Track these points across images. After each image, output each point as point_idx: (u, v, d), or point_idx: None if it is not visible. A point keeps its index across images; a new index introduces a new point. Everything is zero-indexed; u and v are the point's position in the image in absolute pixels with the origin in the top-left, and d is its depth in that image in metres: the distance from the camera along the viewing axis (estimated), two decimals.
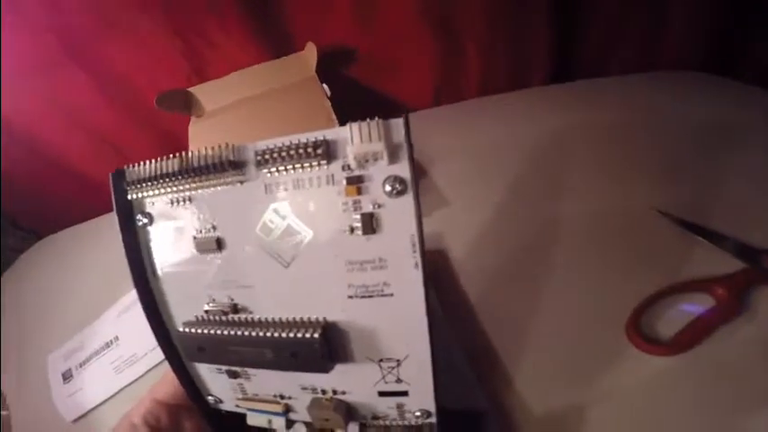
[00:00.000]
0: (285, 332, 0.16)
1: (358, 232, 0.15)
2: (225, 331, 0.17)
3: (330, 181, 0.15)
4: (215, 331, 0.17)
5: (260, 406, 0.20)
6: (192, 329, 0.18)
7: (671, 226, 0.32)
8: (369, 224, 0.15)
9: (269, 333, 0.16)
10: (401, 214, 0.14)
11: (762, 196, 0.33)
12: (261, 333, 0.16)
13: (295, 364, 0.16)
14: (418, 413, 0.17)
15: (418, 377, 0.16)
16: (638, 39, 0.48)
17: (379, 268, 0.15)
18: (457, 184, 0.40)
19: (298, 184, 0.15)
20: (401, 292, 0.15)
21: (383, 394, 0.17)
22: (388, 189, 0.14)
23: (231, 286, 0.17)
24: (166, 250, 0.18)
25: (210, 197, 0.17)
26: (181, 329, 0.18)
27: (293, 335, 0.16)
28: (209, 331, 0.17)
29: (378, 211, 0.15)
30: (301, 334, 0.16)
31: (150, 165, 0.17)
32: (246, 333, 0.17)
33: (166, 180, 0.17)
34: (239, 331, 0.17)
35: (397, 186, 0.14)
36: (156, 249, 0.18)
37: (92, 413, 0.34)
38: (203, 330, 0.17)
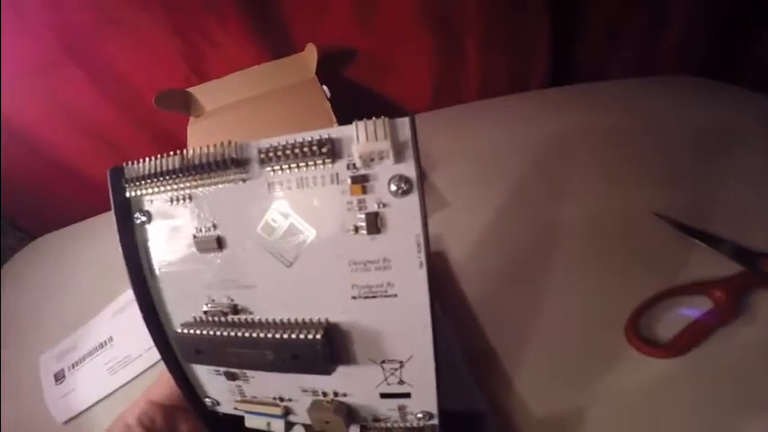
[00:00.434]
0: (286, 333, 0.16)
1: (362, 232, 0.15)
2: (224, 332, 0.17)
3: (335, 180, 0.15)
4: (214, 332, 0.17)
5: (259, 408, 0.19)
6: (190, 330, 0.17)
7: (669, 229, 0.32)
8: (373, 224, 0.14)
9: (270, 334, 0.16)
10: (406, 214, 0.14)
11: (760, 200, 0.33)
12: (261, 334, 0.16)
13: (296, 367, 0.16)
14: (420, 415, 0.17)
15: (421, 379, 0.16)
16: (637, 39, 0.48)
17: (383, 268, 0.15)
18: (457, 187, 0.40)
19: (301, 183, 0.15)
20: (405, 293, 0.15)
21: (385, 396, 0.17)
22: (394, 188, 0.14)
23: (231, 286, 0.17)
24: (165, 249, 0.18)
25: (211, 195, 0.16)
26: (178, 330, 0.18)
27: (295, 336, 0.15)
28: (207, 332, 0.17)
29: (383, 211, 0.14)
30: (303, 335, 0.15)
31: (150, 162, 0.16)
32: (246, 334, 0.16)
33: (166, 177, 0.16)
34: (239, 333, 0.16)
35: (403, 186, 0.14)
36: (154, 248, 0.18)
37: (84, 415, 0.33)
38: (202, 331, 0.17)
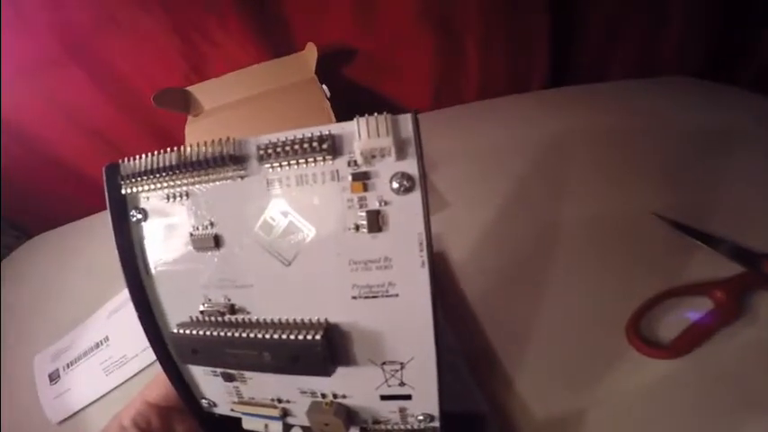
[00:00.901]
0: (285, 334, 0.15)
1: (363, 230, 0.14)
2: (221, 333, 0.16)
3: (335, 177, 0.14)
4: (210, 333, 0.17)
5: (256, 410, 0.19)
6: (187, 331, 0.17)
7: (670, 230, 0.32)
8: (374, 222, 0.14)
9: (268, 335, 0.16)
10: (408, 212, 0.14)
11: (760, 201, 0.33)
12: (259, 335, 0.16)
13: (295, 368, 0.16)
14: (421, 417, 0.17)
15: (422, 380, 0.16)
16: (637, 39, 0.48)
17: (384, 268, 0.15)
18: (457, 187, 0.40)
19: (301, 180, 0.15)
20: (407, 293, 0.15)
21: (385, 398, 0.17)
22: (396, 186, 0.14)
23: (228, 286, 0.17)
24: (161, 247, 0.17)
25: (209, 193, 0.16)
26: (174, 330, 0.17)
27: (294, 337, 0.15)
28: (204, 333, 0.17)
29: (384, 209, 0.14)
30: (302, 336, 0.15)
31: (146, 158, 0.16)
32: (244, 335, 0.16)
33: (163, 174, 0.16)
34: (236, 333, 0.16)
35: (405, 183, 0.14)
36: (150, 246, 0.17)
37: (79, 415, 0.33)
38: (198, 332, 0.17)
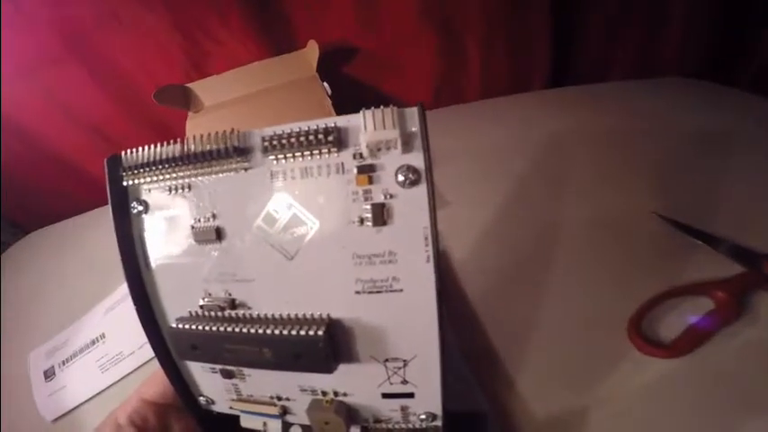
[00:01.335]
0: (286, 330, 0.15)
1: (368, 223, 0.14)
2: (221, 328, 0.16)
3: (340, 169, 0.14)
4: (210, 328, 0.16)
5: (255, 408, 0.19)
6: (186, 326, 0.17)
7: (671, 230, 0.32)
8: (379, 215, 0.14)
9: (269, 330, 0.15)
10: (414, 205, 0.14)
11: (761, 201, 0.33)
12: (260, 330, 0.15)
13: (296, 365, 0.15)
14: (423, 416, 0.17)
15: (425, 378, 0.16)
16: (638, 40, 0.48)
17: (388, 262, 0.14)
18: (457, 186, 0.40)
19: (306, 173, 0.15)
20: (411, 288, 0.14)
21: (387, 396, 0.17)
22: (401, 179, 0.14)
23: (229, 280, 0.16)
24: (161, 240, 0.17)
25: (212, 185, 0.16)
26: (173, 325, 0.17)
27: (295, 332, 0.15)
28: (203, 328, 0.16)
29: (389, 202, 0.14)
30: (304, 332, 0.15)
31: (148, 150, 0.16)
32: (244, 330, 0.16)
33: (165, 166, 0.16)
34: (237, 328, 0.16)
35: (411, 176, 0.13)
36: (151, 239, 0.17)
37: (74, 413, 0.33)
38: (197, 327, 0.16)
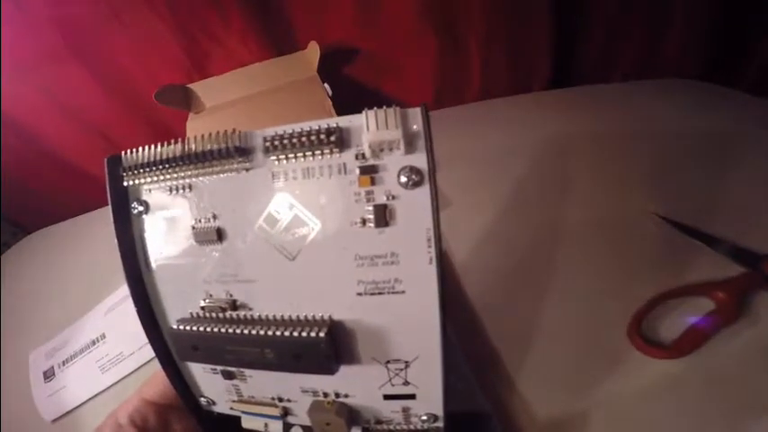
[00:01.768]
0: (288, 331, 0.15)
1: (370, 225, 0.14)
2: (222, 329, 0.16)
3: (342, 170, 0.14)
4: (211, 329, 0.16)
5: (256, 409, 0.19)
6: (187, 327, 0.17)
7: (671, 231, 0.32)
8: (382, 216, 0.14)
9: (270, 332, 0.15)
10: (416, 207, 0.14)
11: (761, 202, 0.33)
12: (261, 332, 0.15)
13: (298, 366, 0.15)
14: (425, 417, 0.17)
15: (427, 380, 0.16)
16: (639, 42, 0.48)
17: (390, 263, 0.14)
18: (459, 187, 0.40)
19: (307, 173, 0.15)
20: (413, 290, 0.14)
21: (389, 397, 0.16)
22: (404, 180, 0.14)
23: (230, 281, 0.16)
24: (162, 241, 0.17)
25: (212, 185, 0.16)
26: (174, 326, 0.17)
27: (297, 334, 0.15)
28: (204, 329, 0.16)
29: (392, 203, 0.14)
30: (306, 333, 0.15)
31: (149, 150, 0.16)
32: (246, 331, 0.16)
33: (166, 166, 0.16)
34: (237, 329, 0.16)
35: (414, 177, 0.13)
36: (151, 240, 0.17)
37: (73, 413, 0.32)
38: (198, 328, 0.16)
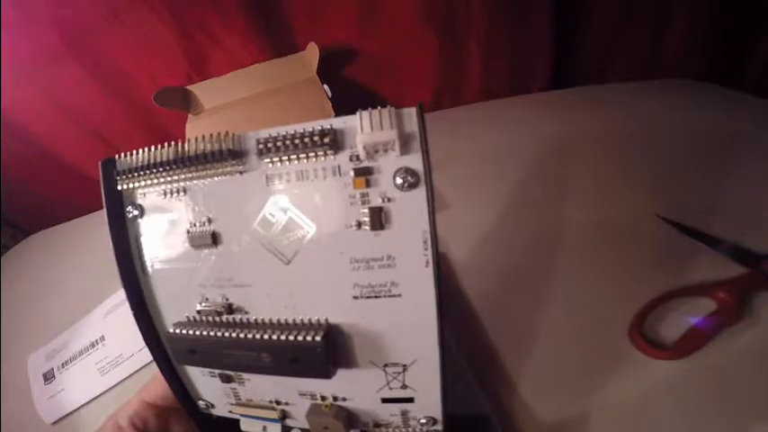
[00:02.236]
0: (284, 335, 0.15)
1: (365, 227, 0.14)
2: (218, 333, 0.16)
3: (336, 172, 0.14)
4: (207, 333, 0.16)
5: (254, 412, 0.18)
6: (183, 331, 0.17)
7: (672, 231, 0.32)
8: (377, 219, 0.14)
9: (266, 336, 0.15)
10: (412, 209, 0.14)
11: (762, 202, 0.32)
12: (258, 335, 0.15)
13: (294, 370, 0.15)
14: (423, 421, 0.16)
15: (425, 383, 0.16)
16: (639, 41, 0.48)
17: (386, 267, 0.14)
18: (458, 188, 0.40)
19: (301, 176, 0.14)
20: (410, 294, 0.14)
21: (387, 401, 0.16)
22: (399, 182, 0.13)
23: (226, 284, 0.16)
24: (157, 245, 0.17)
25: (207, 188, 0.16)
26: (171, 330, 0.17)
27: (293, 338, 0.15)
28: (201, 333, 0.16)
29: (387, 205, 0.14)
30: (302, 337, 0.15)
31: (143, 153, 0.16)
32: (242, 335, 0.16)
33: (160, 170, 0.15)
34: (234, 333, 0.16)
35: (409, 179, 0.13)
36: (147, 244, 0.17)
37: (73, 415, 0.32)
38: (195, 332, 0.16)
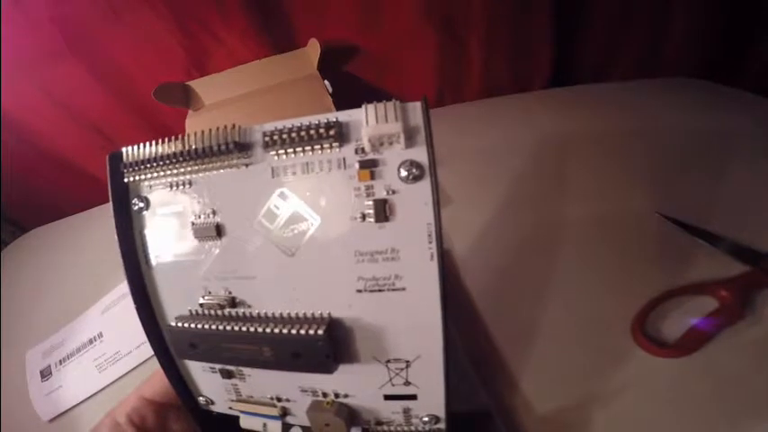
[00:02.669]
0: (286, 329, 0.15)
1: (370, 220, 0.14)
2: (220, 327, 0.16)
3: (342, 165, 0.14)
4: (209, 326, 0.16)
5: (255, 408, 0.18)
6: (185, 324, 0.16)
7: (674, 229, 0.32)
8: (381, 211, 0.14)
9: (269, 329, 0.15)
10: (417, 201, 0.13)
11: (763, 200, 0.33)
12: (260, 329, 0.15)
13: (296, 364, 0.15)
14: (426, 418, 0.16)
15: (428, 380, 0.15)
16: (640, 40, 0.48)
17: (390, 259, 0.14)
18: (460, 184, 0.40)
19: (307, 168, 0.14)
20: (414, 287, 0.14)
21: (389, 398, 0.16)
22: (404, 174, 0.13)
23: (230, 277, 0.16)
24: (162, 237, 0.17)
25: (212, 181, 0.16)
26: (173, 324, 0.17)
27: (295, 332, 0.15)
28: (203, 326, 0.16)
29: (392, 198, 0.14)
30: (304, 331, 0.15)
31: (150, 147, 0.16)
32: (244, 329, 0.15)
33: (166, 163, 0.16)
34: (236, 327, 0.16)
35: (414, 171, 0.13)
36: (151, 236, 0.17)
37: (71, 412, 0.32)
38: (197, 325, 0.16)
